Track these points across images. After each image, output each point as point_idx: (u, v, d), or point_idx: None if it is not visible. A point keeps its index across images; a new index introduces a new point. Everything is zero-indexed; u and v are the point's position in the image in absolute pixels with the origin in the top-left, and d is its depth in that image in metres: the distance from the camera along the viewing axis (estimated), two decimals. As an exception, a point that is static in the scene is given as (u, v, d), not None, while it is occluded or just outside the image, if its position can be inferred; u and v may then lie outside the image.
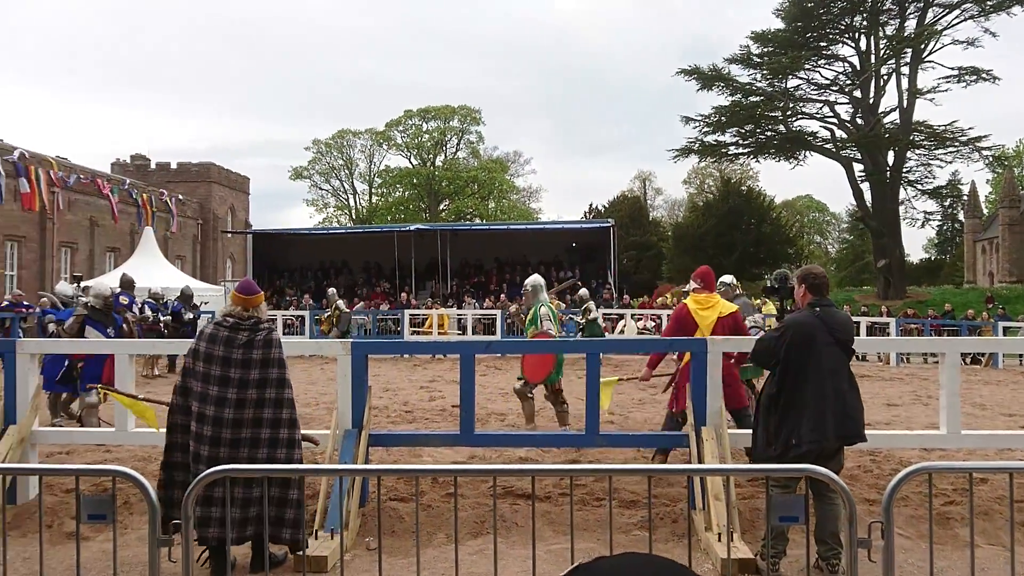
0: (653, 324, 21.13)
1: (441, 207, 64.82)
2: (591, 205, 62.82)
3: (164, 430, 4.71)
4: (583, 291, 20.74)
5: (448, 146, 66.60)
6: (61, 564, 4.63)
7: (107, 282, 20.46)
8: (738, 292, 9.12)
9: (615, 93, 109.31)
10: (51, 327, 7.14)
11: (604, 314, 21.91)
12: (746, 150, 42.17)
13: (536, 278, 9.19)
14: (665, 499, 5.81)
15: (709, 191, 60.82)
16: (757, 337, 4.70)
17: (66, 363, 7.99)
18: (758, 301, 13.13)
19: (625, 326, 21.11)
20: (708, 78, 39.68)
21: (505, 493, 5.81)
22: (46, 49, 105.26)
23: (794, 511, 2.90)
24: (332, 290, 19.91)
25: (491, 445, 6.83)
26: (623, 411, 10.18)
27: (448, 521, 5.50)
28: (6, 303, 19.24)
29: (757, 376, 8.52)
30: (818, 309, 4.55)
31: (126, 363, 6.27)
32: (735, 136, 41.19)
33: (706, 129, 40.66)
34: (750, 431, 4.97)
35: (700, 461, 5.30)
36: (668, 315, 20.94)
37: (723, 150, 42.17)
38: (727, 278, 9.12)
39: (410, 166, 66.05)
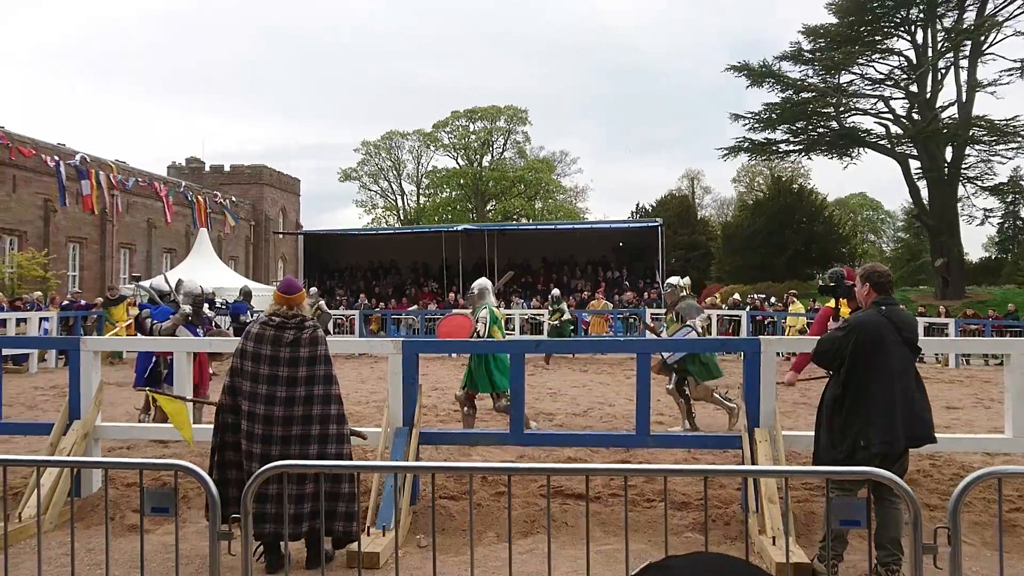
0: (702, 325, 20.84)
1: (488, 207, 65.00)
2: (638, 204, 62.42)
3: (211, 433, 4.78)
4: (555, 291, 20.73)
5: (495, 146, 66.79)
6: (123, 555, 4.76)
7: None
8: (683, 294, 9.03)
9: (663, 91, 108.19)
10: (148, 322, 7.29)
11: (652, 314, 21.72)
12: (797, 147, 41.34)
13: (483, 281, 9.13)
14: (717, 501, 5.73)
15: (759, 189, 59.86)
16: (821, 336, 4.57)
17: (153, 360, 8.18)
18: (776, 302, 12.88)
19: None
20: (758, 74, 39.02)
21: (555, 493, 5.80)
22: (106, 57, 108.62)
23: (855, 515, 2.83)
24: (313, 289, 20.17)
25: (540, 444, 6.82)
26: (673, 412, 10.07)
27: (497, 520, 5.51)
28: (67, 302, 19.86)
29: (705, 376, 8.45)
30: (883, 308, 4.44)
31: (184, 363, 6.42)
32: (786, 133, 40.41)
33: (756, 126, 39.98)
34: (806, 432, 4.88)
35: (753, 463, 5.22)
36: (718, 316, 20.78)
37: (774, 148, 41.40)
38: (673, 279, 9.09)
39: (457, 167, 66.40)
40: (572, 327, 18.75)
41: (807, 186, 52.27)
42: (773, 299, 24.99)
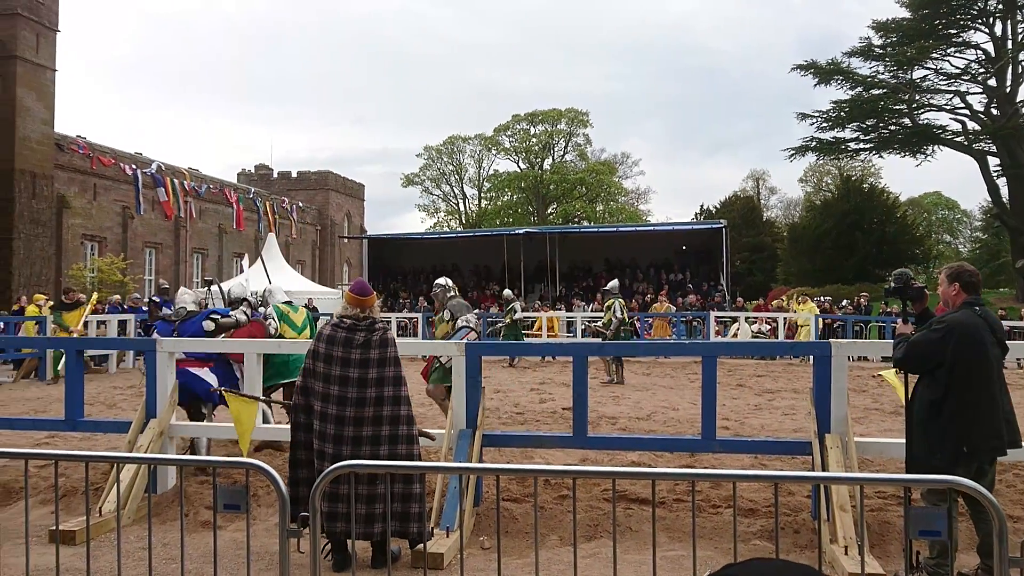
0: (768, 328, 20.44)
1: (549, 210, 65.00)
2: (702, 206, 61.57)
3: (285, 437, 4.88)
4: (507, 292, 20.51)
5: (556, 149, 66.78)
6: (196, 550, 4.89)
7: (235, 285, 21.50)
8: (452, 294, 8.87)
9: (727, 92, 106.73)
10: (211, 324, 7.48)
11: (717, 317, 21.38)
12: (868, 146, 40.13)
13: (444, 279, 9.11)
14: (785, 508, 5.59)
15: (827, 189, 58.37)
16: (912, 338, 4.38)
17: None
18: (846, 304, 12.49)
19: (739, 329, 20.51)
20: (826, 72, 38.02)
21: (618, 497, 5.74)
22: (181, 68, 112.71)
23: (935, 525, 2.71)
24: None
25: (603, 448, 6.76)
26: (738, 417, 9.89)
27: (560, 523, 5.49)
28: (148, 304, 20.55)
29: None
30: (977, 308, 4.27)
31: (255, 364, 6.58)
32: (856, 131, 39.27)
33: (824, 125, 38.97)
34: (879, 439, 4.71)
35: (824, 470, 5.07)
36: (784, 318, 20.31)
37: (843, 146, 40.27)
38: (441, 280, 8.97)
39: (518, 170, 66.60)
40: (525, 328, 18.82)
41: (878, 185, 50.69)
42: (844, 302, 24.32)
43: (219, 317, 7.42)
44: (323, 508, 3.68)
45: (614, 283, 15.56)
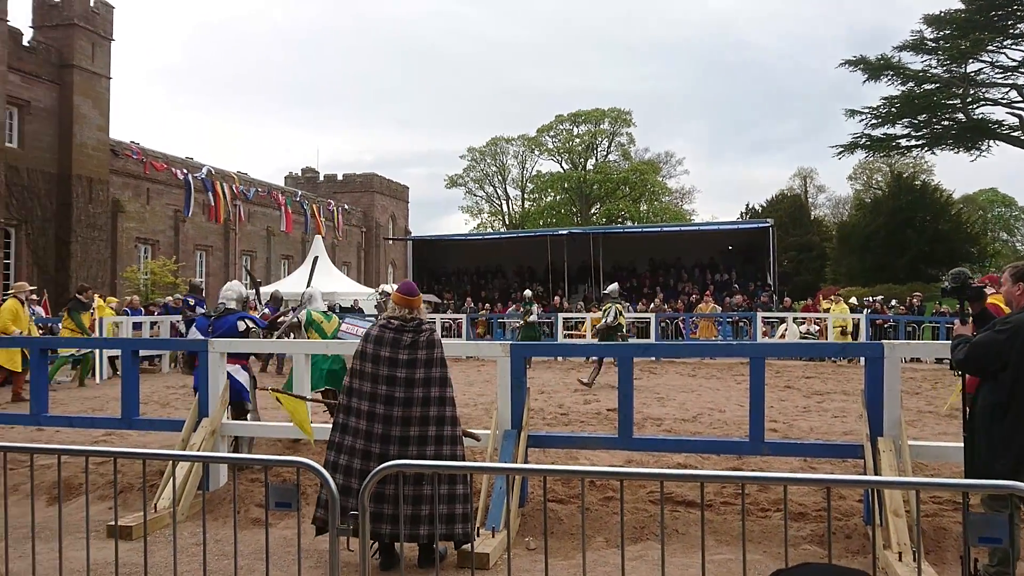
0: (816, 328, 20.06)
1: (592, 210, 64.77)
2: (748, 205, 60.65)
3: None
4: (527, 292, 20.13)
5: (599, 149, 66.54)
6: (247, 547, 4.98)
7: (281, 287, 21.90)
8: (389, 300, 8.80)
9: (773, 89, 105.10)
10: (244, 325, 7.63)
11: (764, 317, 21.07)
12: (920, 142, 39.21)
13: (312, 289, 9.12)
14: (836, 513, 5.49)
15: (877, 187, 57.09)
16: (974, 339, 4.25)
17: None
18: (897, 305, 12.19)
19: (787, 330, 20.18)
20: (876, 68, 37.23)
21: (664, 499, 5.70)
22: (229, 77, 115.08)
23: (996, 532, 2.64)
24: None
25: (649, 450, 6.72)
26: (787, 419, 9.74)
27: (606, 525, 5.47)
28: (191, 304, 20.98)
29: None
30: None
31: (303, 364, 6.69)
32: (907, 127, 38.41)
33: (874, 122, 38.22)
34: (934, 443, 4.59)
35: (876, 473, 4.97)
36: (834, 319, 19.92)
37: (893, 143, 39.44)
38: (384, 287, 8.86)
39: (561, 170, 66.49)
40: (569, 329, 18.42)
41: (931, 182, 49.37)
42: (894, 302, 23.77)
43: (251, 323, 7.56)
44: (370, 508, 3.70)
45: (614, 287, 15.23)
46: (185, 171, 36.92)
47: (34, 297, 16.86)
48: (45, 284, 25.73)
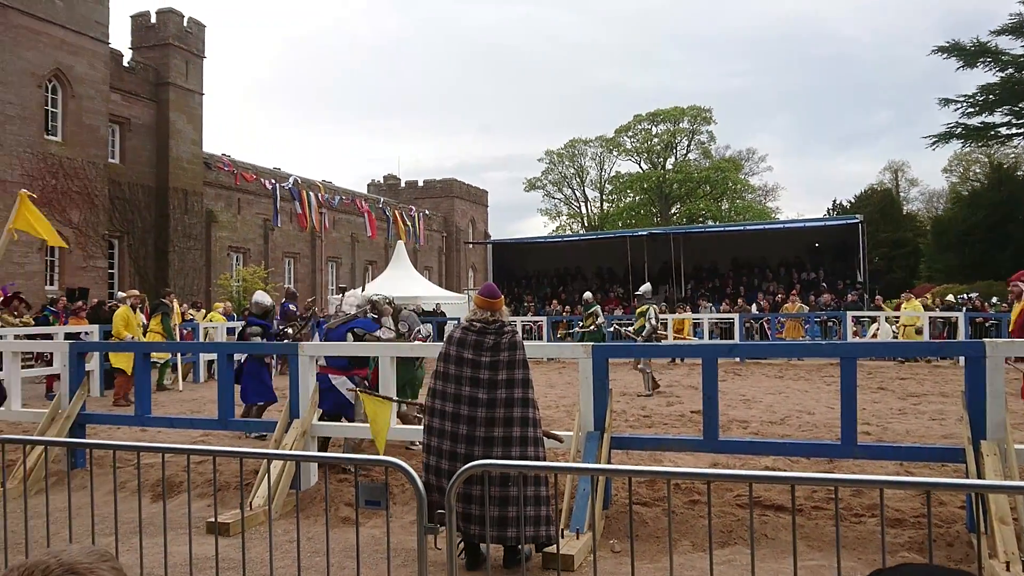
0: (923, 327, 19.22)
1: (672, 210, 63.89)
2: (834, 201, 58.69)
3: (422, 428, 5.02)
4: (587, 294, 19.45)
5: (678, 148, 65.59)
6: (337, 545, 5.12)
7: (366, 293, 22.35)
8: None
9: (860, 81, 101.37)
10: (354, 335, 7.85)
11: (854, 316, 20.36)
12: (1021, 130, 37.19)
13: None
14: (936, 519, 5.26)
15: (975, 179, 54.34)
16: None
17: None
18: (999, 302, 11.48)
19: (879, 329, 19.42)
20: (971, 54, 35.50)
21: (752, 503, 5.58)
22: (314, 88, 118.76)
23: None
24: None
25: (735, 452, 6.59)
26: (881, 422, 9.39)
27: (692, 528, 5.39)
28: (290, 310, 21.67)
29: None
30: None
31: (388, 366, 6.83)
32: (1007, 115, 36.48)
33: (970, 111, 36.44)
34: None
35: (980, 478, 4.74)
36: (930, 318, 19.07)
37: (992, 132, 37.53)
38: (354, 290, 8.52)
39: (640, 171, 65.84)
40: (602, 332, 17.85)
41: (1034, 173, 46.74)
42: (995, 299, 22.57)
43: (362, 332, 7.77)
44: (458, 509, 3.75)
45: (646, 287, 14.80)
46: (273, 181, 38.20)
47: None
48: (145, 292, 27.04)
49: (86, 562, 1.24)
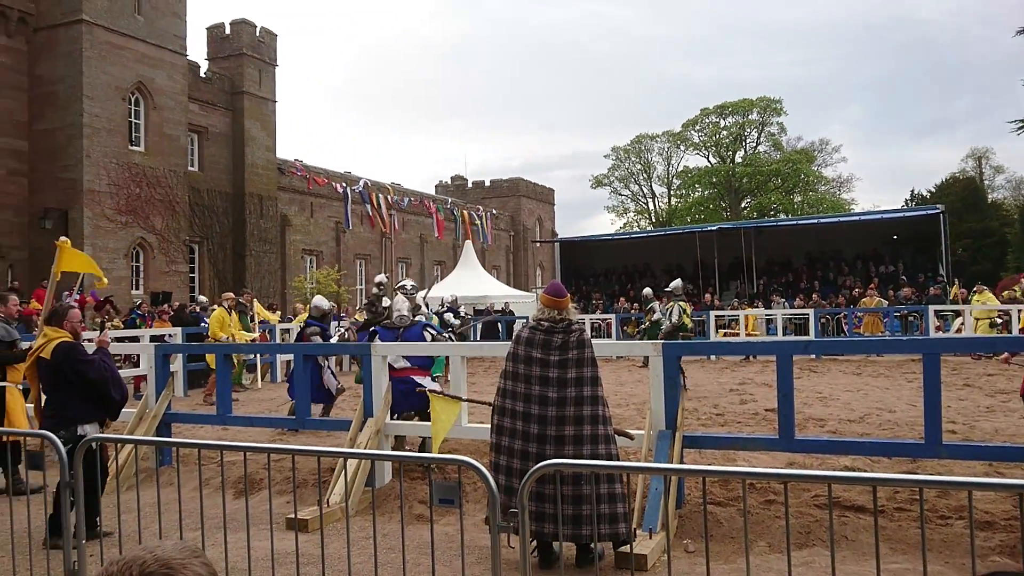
0: (1000, 321, 18.38)
1: (743, 204, 62.61)
2: (913, 191, 56.55)
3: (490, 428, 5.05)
4: (647, 290, 18.78)
5: (747, 141, 64.23)
6: (411, 542, 5.21)
7: (438, 293, 22.61)
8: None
9: (940, 65, 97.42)
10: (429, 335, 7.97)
11: (937, 311, 19.59)
12: (1119, 111, 35.13)
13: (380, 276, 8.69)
14: (1029, 522, 5.03)
15: (1068, 164, 51.63)
16: None
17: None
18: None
19: (963, 324, 18.63)
20: (1062, 32, 33.71)
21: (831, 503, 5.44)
22: (383, 92, 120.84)
23: None
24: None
25: (812, 452, 6.44)
26: (967, 420, 9.02)
27: (768, 529, 5.30)
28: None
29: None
30: None
31: (459, 366, 6.91)
32: (1103, 96, 34.47)
33: (1062, 92, 34.55)
34: None
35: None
36: (1020, 310, 18.20)
37: (1086, 114, 35.53)
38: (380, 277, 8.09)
39: (708, 165, 64.77)
40: (722, 326, 17.21)
41: None
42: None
43: (434, 332, 7.89)
44: (530, 508, 3.75)
45: (676, 283, 14.40)
46: (344, 185, 39.04)
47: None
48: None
49: (179, 558, 1.31)
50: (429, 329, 7.79)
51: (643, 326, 18.29)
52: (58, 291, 8.08)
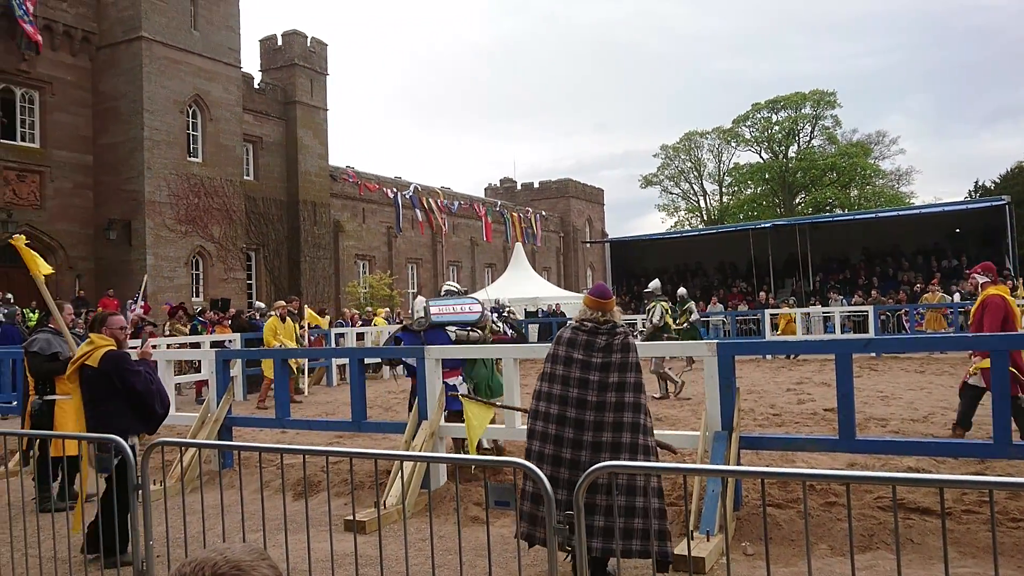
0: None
1: (797, 200, 61.37)
2: (976, 183, 54.65)
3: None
4: (682, 290, 18.21)
5: (801, 135, 62.93)
6: (467, 543, 5.24)
7: (489, 295, 22.73)
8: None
9: (1005, 52, 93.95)
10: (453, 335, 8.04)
11: None
12: None
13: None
14: (1107, 525, 4.84)
15: None
16: None
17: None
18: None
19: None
20: None
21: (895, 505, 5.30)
22: (433, 97, 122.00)
23: None
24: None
25: (874, 452, 6.29)
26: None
27: (829, 532, 5.19)
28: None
29: None
30: None
31: (512, 367, 6.93)
32: None
33: None
34: None
35: None
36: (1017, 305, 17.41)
37: None
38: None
39: (760, 160, 63.68)
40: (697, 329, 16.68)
41: None
42: None
43: (456, 330, 7.94)
44: (564, 520, 3.54)
45: (655, 283, 14.02)
46: (395, 190, 39.52)
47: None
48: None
49: (248, 560, 1.35)
50: (449, 329, 7.84)
51: (682, 326, 18.06)
52: (122, 299, 8.31)
